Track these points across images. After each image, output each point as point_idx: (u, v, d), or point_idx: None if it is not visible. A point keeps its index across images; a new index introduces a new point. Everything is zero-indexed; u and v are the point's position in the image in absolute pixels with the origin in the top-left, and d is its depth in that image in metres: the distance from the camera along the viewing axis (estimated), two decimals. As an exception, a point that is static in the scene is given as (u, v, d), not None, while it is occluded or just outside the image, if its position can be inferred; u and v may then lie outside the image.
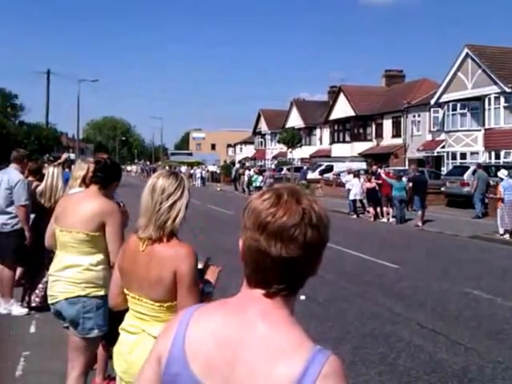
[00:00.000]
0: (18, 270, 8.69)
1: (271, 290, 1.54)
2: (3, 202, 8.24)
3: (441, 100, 40.55)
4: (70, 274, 4.37)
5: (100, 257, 4.41)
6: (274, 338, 1.48)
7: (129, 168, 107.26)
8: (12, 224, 8.27)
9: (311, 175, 43.93)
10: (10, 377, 6.02)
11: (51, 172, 8.11)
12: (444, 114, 40.84)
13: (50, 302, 4.55)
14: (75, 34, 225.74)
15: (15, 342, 7.06)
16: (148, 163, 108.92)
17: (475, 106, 37.74)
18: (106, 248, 4.37)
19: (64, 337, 4.89)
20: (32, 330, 7.55)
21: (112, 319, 4.31)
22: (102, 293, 4.39)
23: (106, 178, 4.52)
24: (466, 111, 38.27)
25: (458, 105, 38.69)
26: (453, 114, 39.21)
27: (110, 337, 4.52)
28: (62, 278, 4.41)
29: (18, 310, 8.26)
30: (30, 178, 9.27)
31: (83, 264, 4.36)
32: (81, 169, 5.54)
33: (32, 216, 8.54)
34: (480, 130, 37.30)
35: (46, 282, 7.57)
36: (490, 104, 36.42)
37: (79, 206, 4.39)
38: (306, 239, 1.51)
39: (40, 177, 9.07)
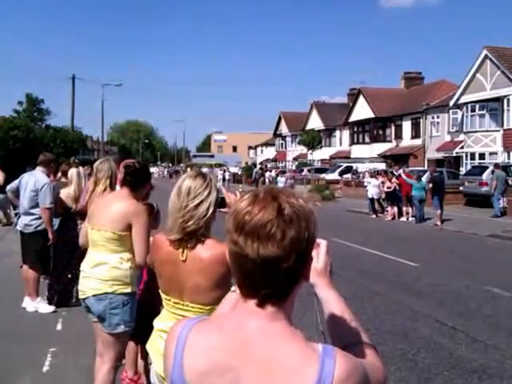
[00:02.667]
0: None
1: (260, 297, 1.48)
2: (28, 203, 8.46)
3: (460, 101, 40.50)
4: (98, 272, 4.49)
5: (127, 255, 4.52)
6: (277, 357, 1.42)
7: (152, 170, 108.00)
8: (35, 225, 8.47)
9: (331, 176, 44.42)
10: (37, 372, 6.14)
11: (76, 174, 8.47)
12: (463, 114, 40.81)
13: (80, 296, 4.69)
14: (100, 39, 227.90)
15: (42, 339, 7.16)
16: (170, 165, 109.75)
17: (494, 106, 37.67)
18: (133, 247, 4.50)
19: (90, 333, 5.03)
20: (58, 327, 7.71)
21: (143, 318, 4.57)
22: (128, 290, 4.54)
23: (135, 182, 4.63)
24: (484, 112, 38.23)
25: (477, 106, 38.64)
26: (472, 115, 39.19)
27: (141, 335, 4.71)
28: (91, 275, 4.53)
29: (44, 307, 8.46)
30: (63, 180, 9.64)
31: (111, 262, 4.48)
32: (103, 170, 5.49)
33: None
34: (499, 131, 37.27)
35: (72, 280, 8.16)
36: (508, 105, 36.40)
37: (109, 207, 4.52)
38: (284, 236, 1.43)
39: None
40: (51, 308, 8.49)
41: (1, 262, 12.12)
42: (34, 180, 8.50)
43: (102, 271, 4.48)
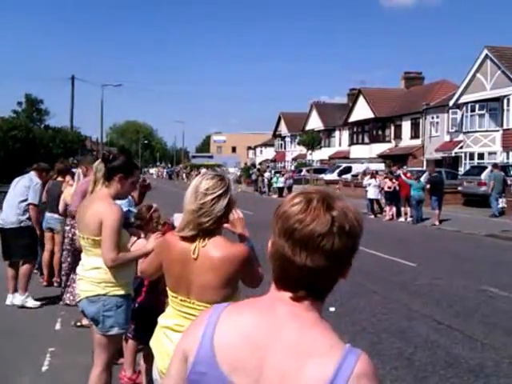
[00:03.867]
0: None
1: (298, 295, 1.52)
2: (16, 198, 8.68)
3: (459, 101, 40.63)
4: (91, 274, 4.47)
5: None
6: (304, 340, 1.46)
7: (151, 171, 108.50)
8: (20, 221, 8.63)
9: (330, 176, 44.55)
10: (37, 372, 6.17)
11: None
12: (462, 114, 40.91)
13: (76, 299, 4.78)
14: (99, 40, 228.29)
15: (41, 339, 7.19)
16: (170, 166, 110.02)
17: (494, 106, 37.80)
18: (123, 247, 4.49)
19: (88, 333, 5.11)
20: (57, 327, 7.75)
21: (145, 317, 4.70)
22: (122, 292, 4.49)
23: (108, 172, 4.57)
24: (484, 112, 38.35)
25: (477, 106, 38.75)
26: (471, 115, 39.30)
27: (143, 335, 4.83)
28: (85, 277, 4.52)
29: (32, 302, 8.63)
30: (60, 179, 9.90)
31: (102, 265, 4.42)
32: (102, 170, 5.02)
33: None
34: (498, 131, 37.38)
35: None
36: (508, 105, 36.51)
37: (86, 212, 4.50)
38: (333, 249, 1.46)
39: (71, 177, 9.63)
40: (38, 303, 8.68)
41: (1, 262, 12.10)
42: (28, 177, 8.84)
43: (95, 273, 4.46)
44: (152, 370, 3.34)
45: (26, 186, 8.67)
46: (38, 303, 8.70)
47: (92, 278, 4.45)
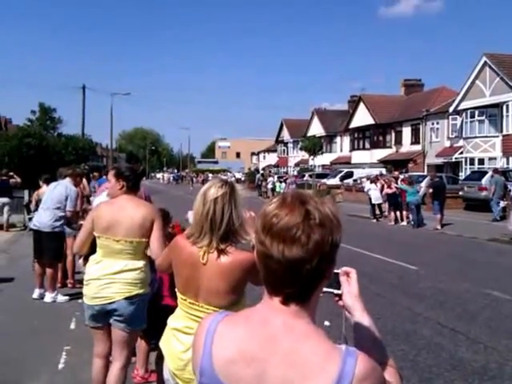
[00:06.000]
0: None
1: (284, 296, 1.54)
2: (53, 203, 9.27)
3: (459, 107, 40.76)
4: (126, 276, 4.59)
5: (146, 259, 4.73)
6: (301, 352, 1.47)
7: (158, 176, 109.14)
8: (53, 226, 9.26)
9: (332, 181, 44.78)
10: (53, 369, 6.33)
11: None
12: (462, 121, 41.02)
13: (99, 302, 4.65)
14: (108, 50, 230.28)
15: (57, 338, 7.35)
16: (176, 171, 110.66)
17: (493, 112, 37.89)
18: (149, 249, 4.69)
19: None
20: (72, 326, 7.92)
21: (154, 316, 4.77)
22: (148, 289, 4.80)
23: (134, 185, 4.94)
24: (484, 118, 38.45)
25: (476, 112, 38.86)
26: (471, 121, 39.41)
27: (153, 332, 4.92)
28: (116, 279, 4.59)
29: (61, 298, 9.30)
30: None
31: (139, 266, 4.62)
32: None
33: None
34: (498, 136, 37.49)
35: None
36: (508, 111, 36.61)
37: (128, 215, 4.62)
38: (309, 240, 1.48)
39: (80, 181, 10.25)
40: (67, 298, 9.32)
41: (17, 264, 12.42)
42: (64, 185, 9.42)
43: (132, 274, 4.60)
44: (164, 370, 3.39)
45: (62, 194, 9.24)
46: (67, 297, 9.31)
47: (129, 279, 4.59)
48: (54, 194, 9.31)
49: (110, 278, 4.61)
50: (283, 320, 1.53)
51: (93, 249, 4.86)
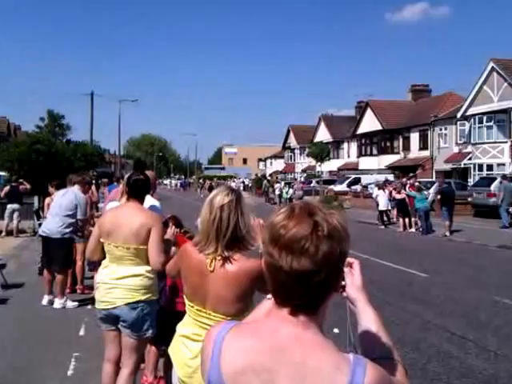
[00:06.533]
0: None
1: (292, 307, 1.54)
2: (63, 210, 9.34)
3: (467, 113, 40.65)
4: (129, 282, 4.63)
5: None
6: (311, 363, 1.47)
7: (165, 182, 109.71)
8: (62, 233, 9.31)
9: (339, 187, 44.76)
10: (63, 376, 6.37)
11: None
12: (470, 126, 40.89)
13: (104, 307, 4.74)
14: (116, 57, 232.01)
15: (66, 344, 7.40)
16: (183, 177, 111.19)
17: (501, 118, 37.77)
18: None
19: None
20: (81, 332, 8.00)
21: (166, 322, 4.73)
22: (155, 297, 4.81)
23: (144, 193, 4.97)
24: (492, 124, 38.32)
25: (485, 117, 38.75)
26: (479, 127, 39.30)
27: (162, 338, 4.92)
28: (120, 285, 4.64)
29: (70, 304, 9.35)
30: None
31: (141, 272, 4.65)
32: None
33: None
34: (506, 142, 37.38)
35: None
36: (516, 116, 36.48)
37: (130, 222, 4.68)
38: (317, 252, 1.47)
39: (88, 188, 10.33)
40: (76, 303, 9.41)
41: (26, 270, 12.47)
42: (73, 193, 9.50)
43: (134, 280, 4.64)
44: (172, 377, 3.43)
45: (72, 202, 9.33)
46: (76, 304, 9.40)
47: (131, 286, 4.63)
48: (63, 201, 9.37)
49: (113, 284, 4.68)
50: (292, 331, 1.53)
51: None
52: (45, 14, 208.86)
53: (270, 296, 1.93)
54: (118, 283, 4.67)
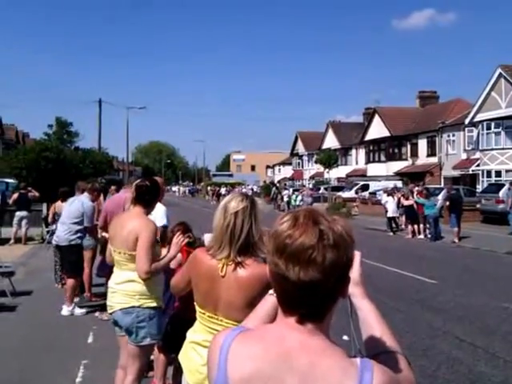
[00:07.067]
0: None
1: (299, 315, 1.53)
2: (70, 217, 9.54)
3: (475, 119, 40.52)
4: (125, 287, 4.68)
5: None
6: (318, 369, 1.46)
7: (173, 188, 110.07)
8: (69, 240, 9.52)
9: (348, 194, 44.77)
10: (71, 383, 6.35)
11: None
12: (478, 132, 40.72)
13: (109, 311, 4.89)
14: (124, 64, 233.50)
15: (75, 352, 7.38)
16: (191, 184, 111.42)
17: (509, 124, 37.50)
18: (155, 260, 4.67)
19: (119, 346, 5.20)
20: (90, 340, 8.00)
21: (177, 329, 4.71)
22: (154, 304, 4.72)
23: (148, 199, 4.89)
24: (500, 130, 38.14)
25: (493, 124, 38.59)
26: (487, 133, 39.13)
27: (170, 346, 4.93)
28: (118, 290, 4.72)
29: (78, 310, 9.37)
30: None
31: (136, 278, 4.63)
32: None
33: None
34: (515, 148, 37.33)
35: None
36: (524, 122, 36.28)
37: (123, 228, 4.74)
38: (324, 261, 1.45)
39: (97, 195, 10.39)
40: (84, 310, 9.41)
41: (35, 277, 12.51)
42: (80, 201, 9.65)
43: (129, 286, 4.67)
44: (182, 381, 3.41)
45: (79, 210, 9.49)
46: (84, 310, 9.42)
47: (127, 291, 4.68)
48: (71, 209, 9.57)
49: (114, 288, 4.79)
50: (298, 337, 1.52)
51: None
52: (50, 21, 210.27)
53: (272, 291, 1.96)
54: (117, 288, 4.76)
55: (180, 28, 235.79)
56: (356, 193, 45.25)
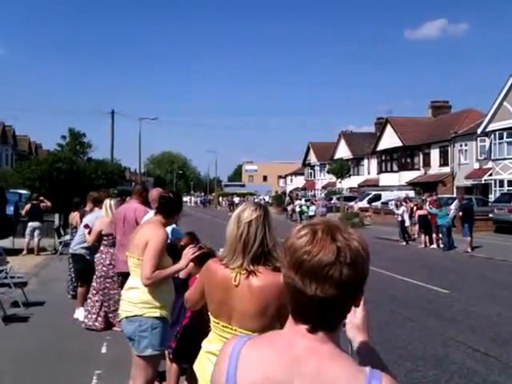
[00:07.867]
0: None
1: (311, 325, 1.54)
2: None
3: (487, 129, 40.50)
4: (129, 295, 4.71)
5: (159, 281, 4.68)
6: (327, 375, 1.47)
7: (185, 199, 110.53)
8: (74, 248, 9.98)
9: (360, 204, 44.72)
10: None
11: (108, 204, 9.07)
12: (491, 142, 40.70)
13: (118, 319, 5.10)
14: (137, 75, 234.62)
15: (88, 361, 7.36)
16: (203, 194, 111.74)
17: (522, 134, 37.55)
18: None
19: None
20: (103, 350, 7.96)
21: (188, 339, 4.82)
22: (157, 314, 4.63)
23: (169, 210, 4.92)
24: (512, 140, 38.22)
25: (505, 133, 38.56)
26: (499, 143, 39.12)
27: (183, 356, 5.01)
28: (125, 298, 4.76)
29: (81, 316, 9.41)
30: (96, 209, 10.33)
31: (138, 286, 4.62)
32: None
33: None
34: (527, 158, 37.12)
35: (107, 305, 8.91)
36: (537, 132, 36.09)
37: (136, 233, 4.84)
38: (341, 278, 1.47)
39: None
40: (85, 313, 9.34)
41: (47, 288, 12.55)
42: (95, 215, 9.72)
43: (133, 294, 4.67)
44: None
45: (90, 222, 9.50)
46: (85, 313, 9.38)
47: (131, 299, 4.69)
48: (84, 221, 9.85)
49: (122, 296, 4.90)
50: (308, 343, 1.53)
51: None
52: (63, 32, 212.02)
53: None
54: (124, 295, 4.82)
55: (193, 39, 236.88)
56: (369, 203, 45.22)
